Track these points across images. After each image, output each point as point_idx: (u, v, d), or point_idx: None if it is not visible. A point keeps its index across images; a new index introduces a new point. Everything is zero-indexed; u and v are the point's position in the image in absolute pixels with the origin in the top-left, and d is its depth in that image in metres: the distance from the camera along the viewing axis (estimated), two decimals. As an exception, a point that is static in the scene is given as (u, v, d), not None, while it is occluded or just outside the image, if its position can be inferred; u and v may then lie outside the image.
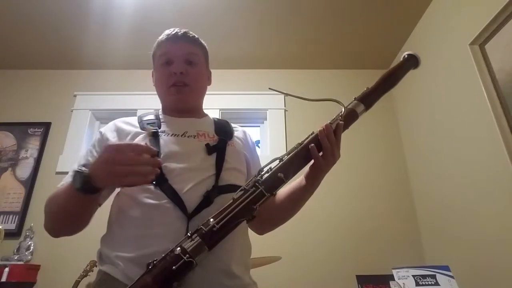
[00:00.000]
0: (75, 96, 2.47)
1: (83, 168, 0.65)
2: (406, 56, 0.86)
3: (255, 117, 2.50)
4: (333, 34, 2.25)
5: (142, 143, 0.76)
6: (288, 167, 0.72)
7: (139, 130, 0.85)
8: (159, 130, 0.84)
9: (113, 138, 0.84)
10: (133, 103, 2.40)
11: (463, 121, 1.69)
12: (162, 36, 0.93)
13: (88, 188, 0.64)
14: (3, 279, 1.80)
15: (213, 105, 2.33)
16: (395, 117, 2.43)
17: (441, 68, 1.85)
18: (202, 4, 2.00)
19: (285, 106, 2.45)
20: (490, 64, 1.53)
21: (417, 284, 1.35)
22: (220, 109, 2.39)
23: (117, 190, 0.83)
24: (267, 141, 2.34)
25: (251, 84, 2.52)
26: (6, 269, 1.83)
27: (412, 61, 0.85)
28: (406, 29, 2.20)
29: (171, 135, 0.85)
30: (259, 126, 2.52)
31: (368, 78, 2.89)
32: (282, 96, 2.46)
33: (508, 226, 1.37)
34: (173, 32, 0.92)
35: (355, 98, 0.80)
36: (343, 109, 0.78)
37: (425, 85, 2.02)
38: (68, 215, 0.74)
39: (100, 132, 0.87)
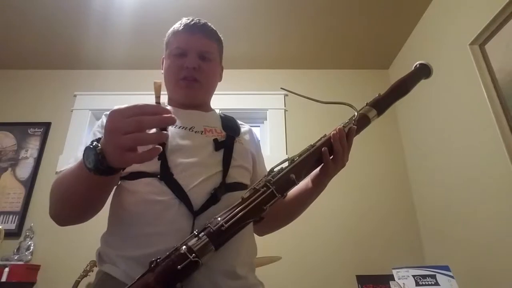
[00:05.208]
0: (75, 96, 2.47)
1: (95, 143, 0.54)
2: (418, 65, 0.85)
3: (255, 117, 2.50)
4: (333, 34, 2.25)
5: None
6: (300, 168, 0.70)
7: None
8: None
9: None
10: (133, 103, 2.39)
11: (463, 121, 1.69)
12: (179, 26, 0.87)
13: (103, 168, 0.53)
14: (3, 279, 1.80)
15: (213, 105, 2.31)
16: (395, 117, 2.43)
17: (441, 68, 1.85)
18: (202, 4, 2.00)
19: (285, 106, 2.44)
20: (490, 64, 1.53)
21: (417, 284, 1.35)
22: (220, 109, 2.37)
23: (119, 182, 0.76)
24: (267, 141, 2.34)
25: (251, 84, 2.52)
26: (6, 269, 1.83)
27: (424, 71, 0.85)
28: (406, 29, 2.20)
29: (179, 128, 0.80)
30: (259, 126, 2.52)
31: (368, 78, 2.90)
32: (282, 96, 2.46)
33: (508, 227, 1.37)
34: (192, 23, 0.86)
35: (367, 104, 0.79)
36: (356, 114, 0.77)
37: (425, 85, 2.01)
38: (78, 201, 0.65)
39: (107, 115, 0.81)
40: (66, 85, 2.51)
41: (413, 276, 1.37)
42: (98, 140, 0.55)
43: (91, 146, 0.54)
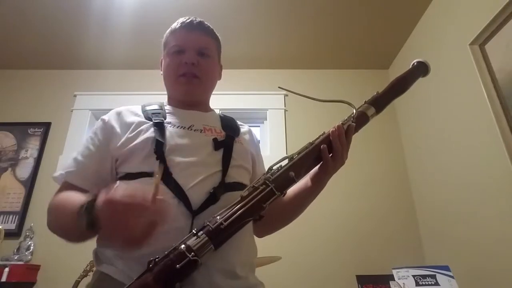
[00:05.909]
0: (75, 96, 2.48)
1: (91, 204, 0.56)
2: (415, 63, 0.85)
3: (255, 117, 2.50)
4: (333, 34, 2.25)
5: (148, 135, 0.73)
6: (300, 166, 0.69)
7: (143, 119, 0.80)
8: (165, 121, 0.80)
9: (118, 128, 0.79)
10: (133, 103, 2.36)
11: (463, 121, 1.69)
12: (176, 24, 0.90)
13: (96, 228, 0.56)
14: (3, 279, 1.80)
15: (213, 105, 2.31)
16: (395, 116, 2.43)
17: (441, 68, 1.85)
18: (202, 4, 2.00)
19: (285, 106, 2.44)
20: (490, 64, 1.53)
21: (417, 284, 1.35)
22: (220, 109, 2.37)
23: (117, 182, 0.76)
24: (267, 141, 2.34)
25: (251, 84, 2.52)
26: (6, 269, 1.83)
27: (421, 69, 0.84)
28: (406, 29, 2.20)
29: (178, 127, 0.80)
30: (259, 126, 2.52)
31: (368, 78, 2.90)
32: (282, 96, 2.46)
33: (508, 226, 1.37)
34: (188, 21, 0.88)
35: (365, 102, 0.79)
36: (354, 111, 0.76)
37: (425, 85, 2.02)
38: (73, 237, 0.69)
39: (104, 120, 0.83)
40: (66, 85, 2.51)
41: (413, 276, 1.37)
42: (93, 200, 0.56)
43: (86, 212, 0.56)
